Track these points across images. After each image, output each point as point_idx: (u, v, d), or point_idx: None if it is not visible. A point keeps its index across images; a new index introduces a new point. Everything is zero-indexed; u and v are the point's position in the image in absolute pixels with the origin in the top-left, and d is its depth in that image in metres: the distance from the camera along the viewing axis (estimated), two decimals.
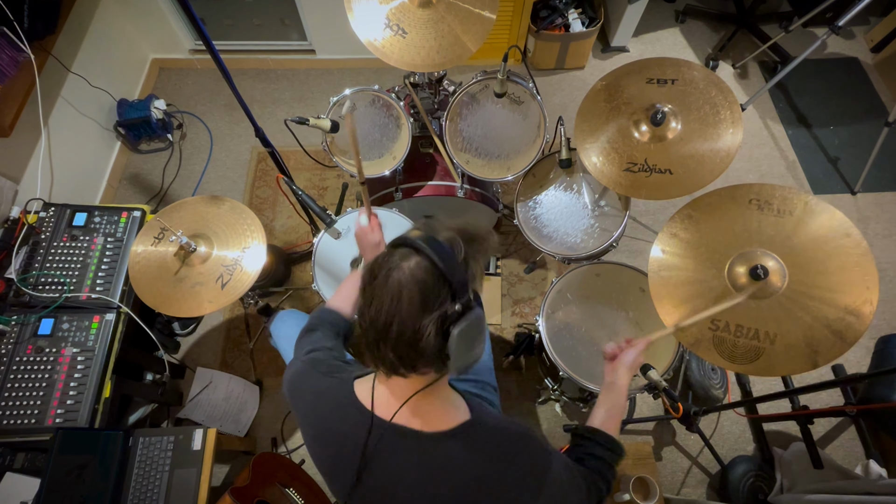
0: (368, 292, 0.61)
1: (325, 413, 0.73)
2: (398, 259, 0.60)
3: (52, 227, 1.42)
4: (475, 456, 0.67)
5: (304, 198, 1.31)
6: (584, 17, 2.25)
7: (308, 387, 0.77)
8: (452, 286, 0.59)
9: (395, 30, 1.29)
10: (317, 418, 0.74)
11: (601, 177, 1.25)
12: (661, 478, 1.61)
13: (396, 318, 0.59)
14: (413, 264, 0.59)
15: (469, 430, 0.68)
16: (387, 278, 0.59)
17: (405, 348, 0.60)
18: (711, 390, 1.67)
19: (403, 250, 0.61)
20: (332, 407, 0.73)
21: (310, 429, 0.75)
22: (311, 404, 0.75)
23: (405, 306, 0.58)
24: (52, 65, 1.75)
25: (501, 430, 0.70)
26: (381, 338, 0.61)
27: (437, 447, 0.67)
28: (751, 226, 1.01)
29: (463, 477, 0.66)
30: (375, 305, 0.60)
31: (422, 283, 0.58)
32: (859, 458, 1.65)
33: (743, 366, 0.95)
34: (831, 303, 0.91)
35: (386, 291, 0.59)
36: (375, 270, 0.61)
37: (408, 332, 0.59)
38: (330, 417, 0.72)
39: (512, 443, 0.69)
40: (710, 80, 1.20)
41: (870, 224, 2.07)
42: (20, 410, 1.22)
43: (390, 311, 0.59)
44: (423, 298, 0.58)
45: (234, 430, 1.64)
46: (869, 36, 2.53)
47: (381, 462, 0.68)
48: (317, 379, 0.77)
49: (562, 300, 1.38)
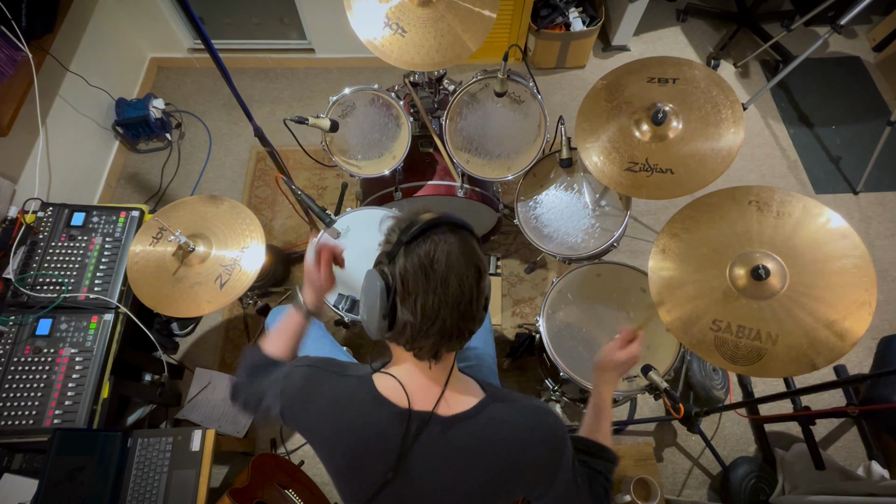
0: (434, 280, 0.62)
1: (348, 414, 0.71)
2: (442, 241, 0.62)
3: (50, 226, 1.42)
4: (500, 428, 0.69)
5: (303, 197, 1.31)
6: (585, 15, 2.24)
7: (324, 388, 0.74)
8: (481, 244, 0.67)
9: (394, 29, 1.29)
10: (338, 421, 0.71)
11: (602, 176, 1.24)
12: (662, 479, 1.60)
13: (467, 286, 0.62)
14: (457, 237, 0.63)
15: (488, 406, 0.70)
16: (447, 259, 0.62)
17: (468, 317, 0.64)
18: (713, 391, 1.66)
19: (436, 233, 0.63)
20: (357, 407, 0.71)
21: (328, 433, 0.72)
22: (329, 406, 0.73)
23: (475, 275, 0.63)
24: (50, 64, 1.75)
25: (516, 401, 0.72)
26: (460, 314, 0.63)
27: (462, 427, 0.68)
28: (751, 227, 1.01)
29: (487, 453, 0.68)
30: (447, 286, 0.62)
31: (473, 249, 0.65)
32: (861, 459, 1.65)
33: (745, 367, 0.95)
34: (832, 304, 0.92)
35: (453, 270, 0.62)
36: (429, 259, 0.62)
37: (475, 297, 0.64)
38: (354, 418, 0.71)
39: (531, 414, 0.71)
40: (711, 80, 1.19)
41: (872, 224, 2.06)
42: (18, 411, 1.21)
43: (462, 283, 0.62)
44: (482, 265, 0.65)
45: (232, 430, 1.64)
46: (871, 35, 2.52)
47: (414, 453, 0.68)
48: (334, 379, 0.75)
49: (562, 300, 1.37)
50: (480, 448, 0.68)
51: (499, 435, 0.69)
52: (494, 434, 0.69)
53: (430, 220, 0.63)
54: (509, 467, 0.68)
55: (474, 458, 0.68)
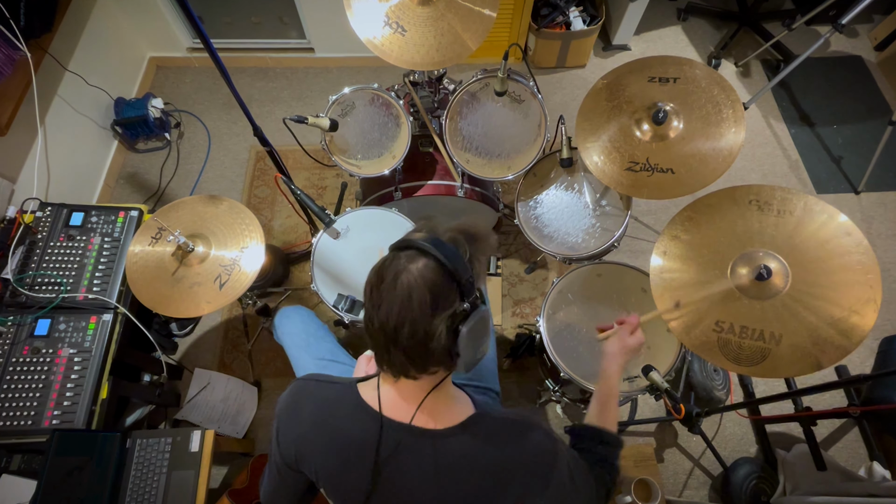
0: (376, 296, 0.61)
1: (333, 421, 0.72)
2: (405, 261, 0.60)
3: (48, 226, 1.41)
4: (484, 446, 0.67)
5: (302, 197, 1.30)
6: (586, 14, 2.24)
7: (312, 396, 0.75)
8: (461, 285, 0.60)
9: (394, 28, 1.28)
10: (325, 427, 0.72)
11: (602, 176, 1.24)
12: (662, 480, 1.60)
13: (408, 321, 0.58)
14: (421, 265, 0.59)
15: (476, 422, 0.69)
16: (395, 280, 0.59)
17: (416, 350, 0.60)
18: (714, 391, 1.66)
19: (409, 252, 0.61)
20: (341, 413, 0.72)
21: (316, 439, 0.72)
22: (316, 413, 0.73)
23: (416, 308, 0.58)
24: (49, 63, 1.74)
25: (507, 419, 0.71)
26: (391, 341, 0.60)
27: (448, 443, 0.67)
28: (752, 226, 1.01)
29: (475, 469, 0.66)
30: (385, 309, 0.59)
31: (431, 283, 0.58)
32: (863, 460, 1.65)
33: (749, 368, 0.94)
34: (836, 302, 0.91)
35: (395, 294, 0.59)
36: (382, 273, 0.60)
37: (419, 333, 0.59)
38: (339, 425, 0.71)
39: (518, 430, 0.69)
40: (712, 79, 1.19)
41: (873, 224, 2.06)
42: (17, 412, 1.21)
43: (401, 314, 0.58)
44: (433, 299, 0.58)
45: (232, 431, 1.63)
46: (873, 34, 2.52)
47: (395, 464, 0.67)
48: (320, 387, 0.76)
49: (563, 301, 1.37)
50: (465, 465, 0.67)
51: (484, 454, 0.67)
52: (479, 452, 0.67)
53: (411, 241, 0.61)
54: (494, 486, 0.66)
55: (459, 475, 0.66)
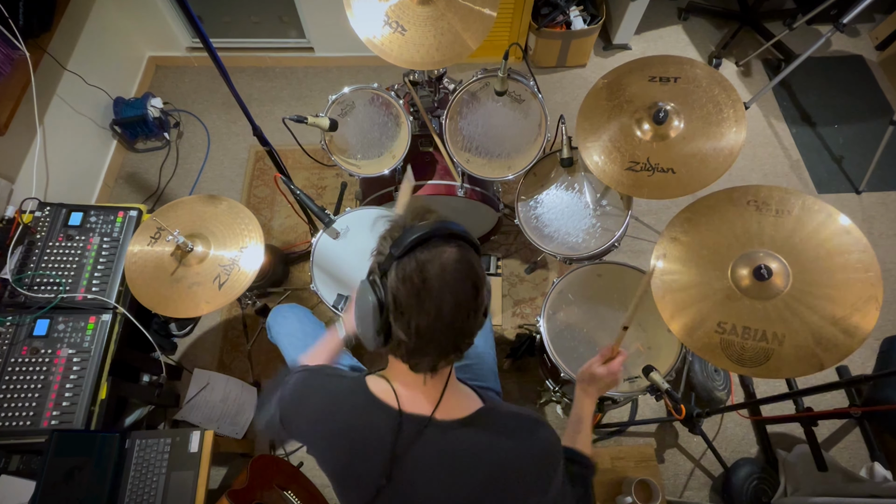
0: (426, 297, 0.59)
1: (341, 414, 0.71)
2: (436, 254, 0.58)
3: (47, 226, 1.41)
4: (495, 438, 0.68)
5: (302, 197, 1.31)
6: (586, 14, 2.24)
7: (318, 389, 0.75)
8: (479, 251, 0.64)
9: (394, 27, 1.28)
10: (331, 421, 0.71)
11: (603, 176, 1.24)
12: (663, 480, 1.58)
13: (464, 303, 0.60)
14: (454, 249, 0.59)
15: (485, 414, 0.70)
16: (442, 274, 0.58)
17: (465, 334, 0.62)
18: (714, 392, 1.66)
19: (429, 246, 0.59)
20: (349, 407, 0.71)
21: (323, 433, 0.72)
22: (323, 407, 0.73)
23: (471, 289, 0.60)
24: (48, 63, 1.74)
25: (515, 413, 0.72)
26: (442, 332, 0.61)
27: (458, 434, 0.67)
28: (751, 227, 1.01)
29: (485, 460, 0.67)
30: (441, 303, 0.59)
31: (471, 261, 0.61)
32: (864, 461, 1.64)
33: (753, 369, 0.94)
34: (837, 300, 0.91)
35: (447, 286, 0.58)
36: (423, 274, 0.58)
37: (472, 313, 0.61)
38: (348, 418, 0.70)
39: (528, 425, 0.70)
40: (713, 78, 1.19)
41: (875, 224, 2.05)
42: (15, 412, 1.21)
43: (458, 299, 0.59)
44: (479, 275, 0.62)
45: (231, 432, 1.63)
46: (874, 33, 2.51)
47: (411, 457, 0.67)
48: (327, 380, 0.75)
49: (563, 301, 1.37)
50: (474, 457, 0.67)
51: (494, 445, 0.67)
52: (489, 444, 0.67)
53: (422, 233, 0.59)
54: (503, 478, 0.67)
55: (467, 467, 0.66)
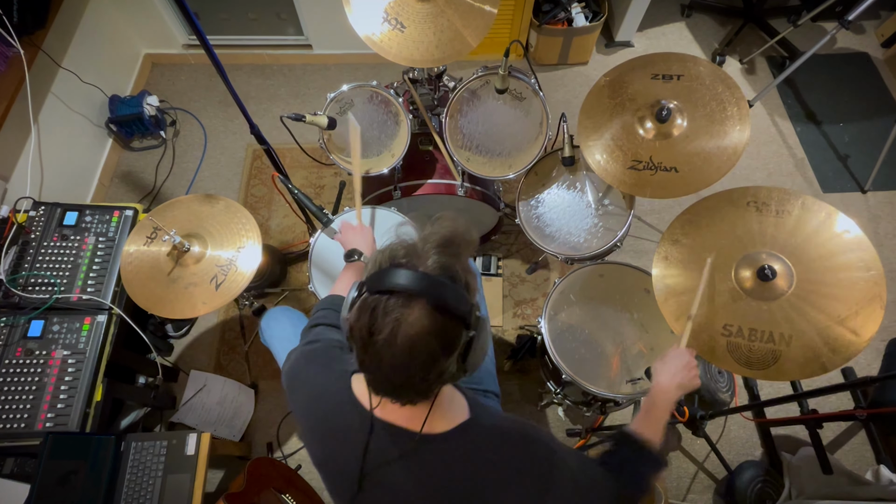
0: (372, 350, 0.56)
1: (322, 407, 0.71)
2: (397, 311, 0.54)
3: (42, 226, 1.40)
4: (472, 457, 0.65)
5: (300, 196, 1.30)
6: (588, 11, 2.23)
7: (305, 378, 0.75)
8: (463, 319, 0.57)
9: (393, 24, 1.27)
10: (314, 412, 0.72)
11: (605, 175, 1.23)
12: (666, 483, 1.58)
13: (417, 371, 0.56)
14: (418, 314, 0.54)
15: (467, 430, 0.67)
16: (393, 336, 0.54)
17: (428, 387, 0.60)
18: (718, 394, 1.65)
19: (398, 299, 0.55)
20: (330, 403, 0.71)
21: (305, 422, 0.73)
22: (308, 397, 0.73)
23: (425, 358, 0.55)
24: (42, 60, 1.73)
25: (500, 429, 0.68)
26: (400, 387, 0.59)
27: (437, 449, 0.65)
28: (752, 228, 1.01)
29: (463, 476, 0.64)
30: (387, 364, 0.56)
31: (435, 332, 0.55)
32: (869, 464, 1.63)
33: (761, 371, 0.93)
34: (842, 299, 0.91)
35: (398, 350, 0.54)
36: (374, 325, 0.55)
37: (432, 376, 0.57)
38: (328, 413, 0.71)
39: (510, 443, 0.67)
40: (716, 76, 1.18)
41: (881, 223, 2.03)
42: (9, 414, 1.20)
43: (410, 368, 0.56)
44: (441, 345, 0.56)
45: (228, 434, 1.62)
46: (879, 31, 2.50)
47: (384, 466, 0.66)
48: (314, 371, 0.75)
49: (564, 301, 1.36)
50: (454, 472, 0.64)
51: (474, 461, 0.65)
52: (469, 460, 0.65)
53: (391, 284, 0.54)
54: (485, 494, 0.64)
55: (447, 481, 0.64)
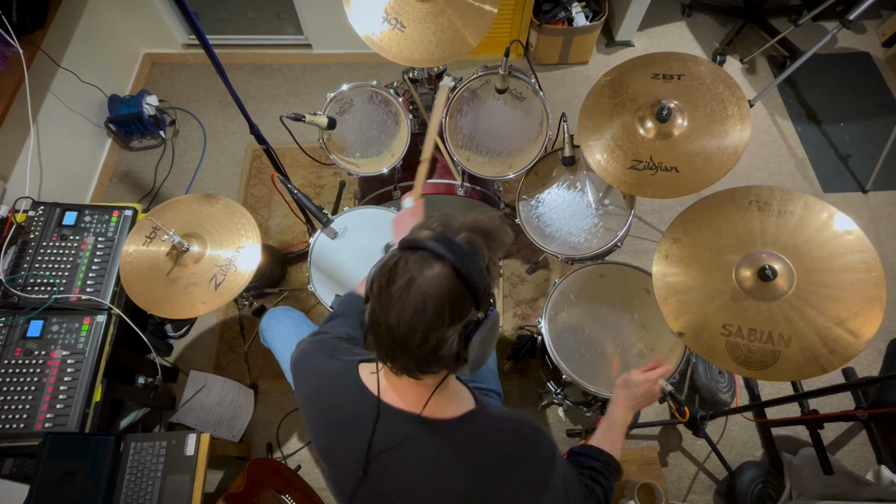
0: (385, 299, 0.57)
1: (328, 396, 0.72)
2: (419, 265, 0.56)
3: (41, 226, 1.40)
4: (481, 443, 0.66)
5: (299, 196, 1.30)
6: (588, 10, 2.22)
7: (311, 368, 0.76)
8: (477, 294, 0.58)
9: (393, 24, 1.27)
10: (320, 399, 0.72)
11: (605, 175, 1.22)
12: (666, 484, 1.58)
13: (420, 329, 0.56)
14: (437, 272, 0.56)
15: (474, 418, 0.67)
16: (409, 286, 0.56)
17: (424, 355, 0.58)
18: (719, 394, 1.64)
19: (423, 254, 0.57)
20: (337, 390, 0.71)
21: (311, 409, 0.74)
22: (314, 386, 0.74)
23: (430, 317, 0.56)
24: (42, 60, 1.73)
25: (505, 420, 0.69)
26: (398, 345, 0.58)
27: (443, 434, 0.66)
28: (754, 227, 1.01)
29: (468, 464, 0.65)
30: (395, 314, 0.56)
31: (448, 292, 0.56)
32: (871, 464, 1.63)
33: (760, 371, 0.93)
34: (842, 301, 0.91)
35: (408, 301, 0.56)
36: (393, 275, 0.57)
37: (431, 341, 0.57)
38: (334, 399, 0.71)
39: (519, 433, 0.68)
40: (717, 76, 1.18)
41: (881, 223, 2.03)
42: (8, 415, 1.19)
43: (413, 322, 0.56)
44: (450, 308, 0.56)
45: (228, 434, 1.62)
46: (881, 30, 2.49)
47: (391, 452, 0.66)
48: (321, 360, 0.75)
49: (565, 301, 1.36)
50: (459, 460, 0.65)
51: (480, 451, 0.65)
52: (475, 449, 0.65)
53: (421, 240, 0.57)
54: (486, 485, 0.64)
55: (452, 469, 0.65)
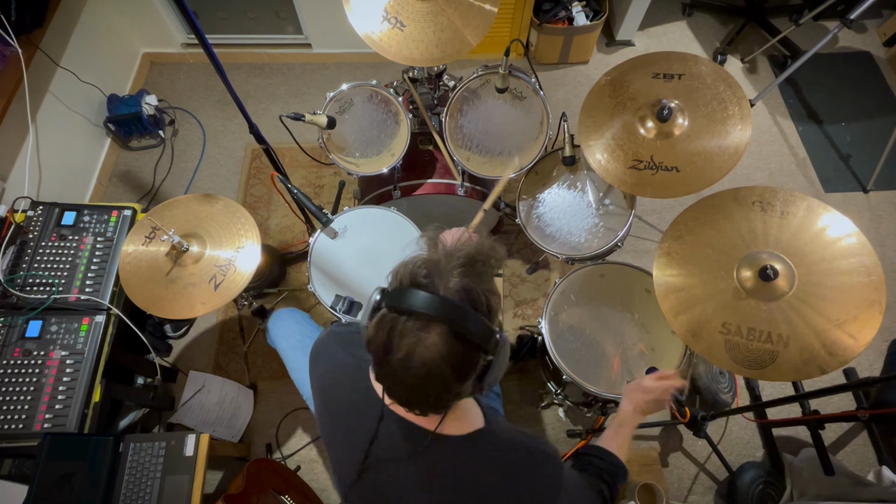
0: (386, 369, 0.56)
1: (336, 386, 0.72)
2: (415, 331, 0.54)
3: (40, 226, 1.39)
4: (488, 464, 0.65)
5: (299, 196, 1.30)
6: (589, 10, 2.22)
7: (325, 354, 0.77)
8: (481, 345, 0.56)
9: (393, 23, 1.27)
10: (331, 389, 0.73)
11: (606, 174, 1.22)
12: (667, 484, 1.58)
13: (432, 392, 0.57)
14: (436, 339, 0.53)
15: (482, 437, 0.67)
16: (409, 358, 0.54)
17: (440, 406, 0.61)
18: (719, 394, 1.64)
19: (417, 322, 0.54)
20: (348, 384, 0.72)
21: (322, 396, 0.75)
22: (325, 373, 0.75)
23: (438, 384, 0.55)
24: (40, 59, 1.72)
25: (514, 441, 0.68)
26: (412, 403, 0.59)
27: (448, 451, 0.65)
28: (756, 228, 1.01)
29: (472, 484, 0.64)
30: (400, 382, 0.56)
31: (452, 357, 0.54)
32: (872, 465, 1.62)
33: (758, 370, 0.93)
34: (841, 303, 0.91)
35: (410, 373, 0.54)
36: (390, 344, 0.54)
37: (444, 398, 0.58)
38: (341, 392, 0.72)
39: (524, 456, 0.67)
40: (717, 75, 1.18)
41: (882, 223, 2.02)
42: (7, 415, 1.19)
43: (424, 389, 0.56)
44: (455, 371, 0.55)
45: (227, 435, 1.62)
46: (882, 30, 2.49)
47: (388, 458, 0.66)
48: (335, 351, 0.76)
49: (565, 302, 1.35)
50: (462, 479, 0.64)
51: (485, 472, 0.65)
52: (481, 469, 0.65)
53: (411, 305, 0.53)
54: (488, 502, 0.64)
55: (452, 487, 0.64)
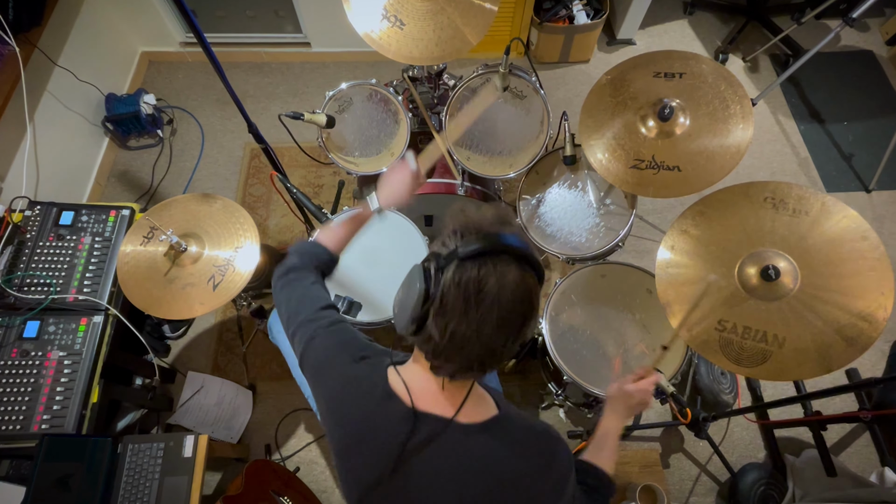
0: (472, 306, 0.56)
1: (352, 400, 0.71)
2: (502, 271, 0.56)
3: (37, 226, 1.39)
4: (507, 450, 0.67)
5: (298, 196, 1.29)
6: (589, 8, 2.22)
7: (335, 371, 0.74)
8: (540, 284, 0.61)
9: (392, 21, 1.27)
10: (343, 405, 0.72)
11: (607, 174, 1.22)
12: (668, 486, 1.57)
13: (503, 332, 0.58)
14: (517, 274, 0.57)
15: (500, 423, 0.69)
16: (500, 291, 0.56)
17: (496, 356, 0.61)
18: (721, 395, 1.63)
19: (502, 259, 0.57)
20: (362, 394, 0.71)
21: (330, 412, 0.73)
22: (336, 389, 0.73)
23: (516, 319, 0.58)
24: (38, 58, 1.72)
25: (528, 424, 0.71)
26: (476, 346, 0.59)
27: (472, 438, 0.67)
28: (764, 225, 1.00)
29: (493, 470, 0.66)
30: (478, 322, 0.57)
31: (530, 293, 0.59)
32: (874, 466, 1.62)
33: (749, 368, 0.94)
34: (844, 307, 0.90)
35: (497, 305, 0.56)
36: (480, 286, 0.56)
37: (510, 340, 0.59)
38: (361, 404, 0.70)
39: (543, 442, 0.70)
40: (719, 74, 1.17)
41: (885, 223, 2.03)
42: (4, 416, 1.19)
43: (501, 326, 0.57)
44: (530, 310, 0.59)
45: (226, 436, 1.61)
46: (884, 28, 2.48)
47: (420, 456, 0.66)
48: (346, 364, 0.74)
49: (566, 302, 1.35)
50: (484, 465, 0.66)
51: (506, 457, 0.67)
52: (501, 455, 0.67)
53: (497, 243, 0.57)
54: (508, 493, 0.66)
55: (475, 473, 0.66)
